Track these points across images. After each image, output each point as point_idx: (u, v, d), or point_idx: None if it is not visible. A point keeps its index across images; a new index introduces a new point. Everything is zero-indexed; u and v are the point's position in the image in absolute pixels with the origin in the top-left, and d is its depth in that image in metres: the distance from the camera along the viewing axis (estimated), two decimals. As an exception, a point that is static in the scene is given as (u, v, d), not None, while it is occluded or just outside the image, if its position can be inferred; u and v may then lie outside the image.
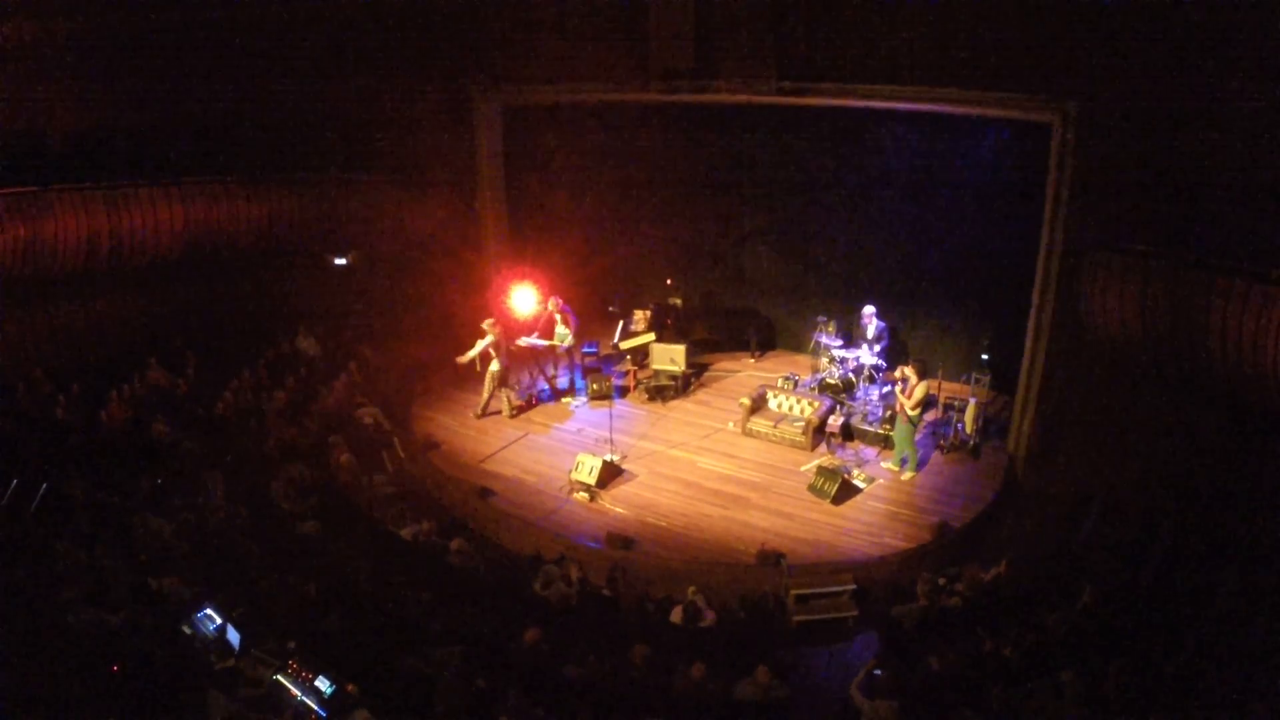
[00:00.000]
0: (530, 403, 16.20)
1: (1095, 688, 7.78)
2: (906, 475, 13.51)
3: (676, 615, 9.97)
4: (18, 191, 13.88)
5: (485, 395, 15.60)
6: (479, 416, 15.68)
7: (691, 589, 10.48)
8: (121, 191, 14.92)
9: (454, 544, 11.11)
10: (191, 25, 15.55)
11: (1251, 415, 10.62)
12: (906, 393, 13.09)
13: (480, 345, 15.02)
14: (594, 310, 18.72)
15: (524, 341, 15.97)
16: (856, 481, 13.30)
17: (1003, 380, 14.87)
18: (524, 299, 15.80)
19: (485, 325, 15.01)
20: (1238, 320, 9.96)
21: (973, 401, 14.35)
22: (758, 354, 18.26)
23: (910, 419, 13.22)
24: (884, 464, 13.87)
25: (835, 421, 14.57)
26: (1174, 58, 10.87)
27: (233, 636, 8.27)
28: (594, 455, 13.48)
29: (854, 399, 15.32)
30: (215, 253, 16.51)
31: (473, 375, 16.83)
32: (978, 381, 14.81)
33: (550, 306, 15.99)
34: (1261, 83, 10.29)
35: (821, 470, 13.31)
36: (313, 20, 16.14)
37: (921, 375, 13.13)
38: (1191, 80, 10.81)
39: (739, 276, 18.80)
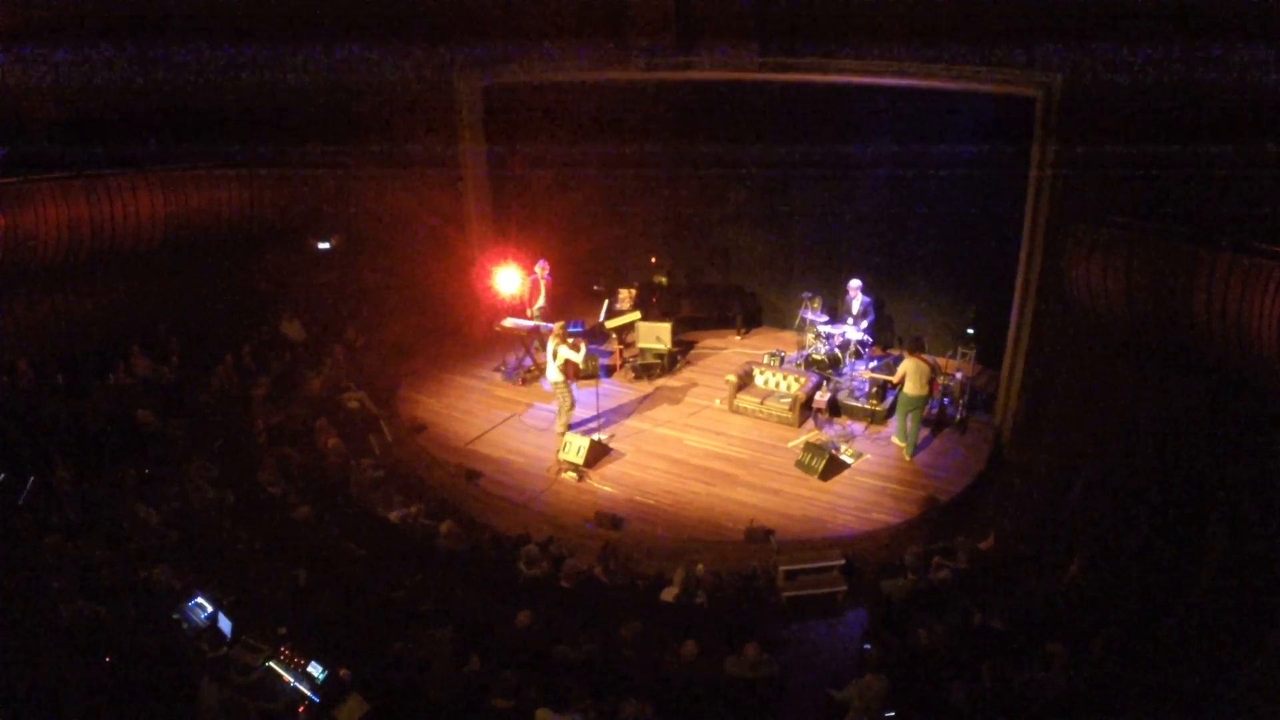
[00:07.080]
0: (519, 383, 16.20)
1: (1083, 659, 7.87)
2: (908, 456, 13.49)
3: (669, 594, 10.01)
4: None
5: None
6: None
7: (699, 565, 10.52)
8: (101, 180, 14.77)
9: (444, 527, 11.12)
10: (169, 11, 15.37)
11: (1235, 386, 10.68)
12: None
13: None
14: (579, 289, 18.72)
15: (509, 323, 15.95)
16: (844, 457, 13.34)
17: (989, 354, 14.90)
18: (508, 279, 15.77)
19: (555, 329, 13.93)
20: (1222, 291, 9.99)
21: (959, 375, 14.42)
22: (743, 331, 18.30)
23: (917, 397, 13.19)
24: (894, 439, 13.83)
25: (822, 397, 14.61)
26: (1157, 31, 10.86)
27: (224, 624, 8.30)
28: (581, 435, 13.50)
29: (840, 374, 15.35)
30: (197, 239, 16.39)
31: (459, 356, 16.91)
32: (964, 355, 14.86)
33: (537, 271, 15.99)
34: (1245, 54, 10.30)
35: (809, 446, 13.36)
36: (292, 3, 15.98)
37: (911, 351, 13.17)
38: (1175, 53, 10.81)
39: (724, 254, 18.82)
